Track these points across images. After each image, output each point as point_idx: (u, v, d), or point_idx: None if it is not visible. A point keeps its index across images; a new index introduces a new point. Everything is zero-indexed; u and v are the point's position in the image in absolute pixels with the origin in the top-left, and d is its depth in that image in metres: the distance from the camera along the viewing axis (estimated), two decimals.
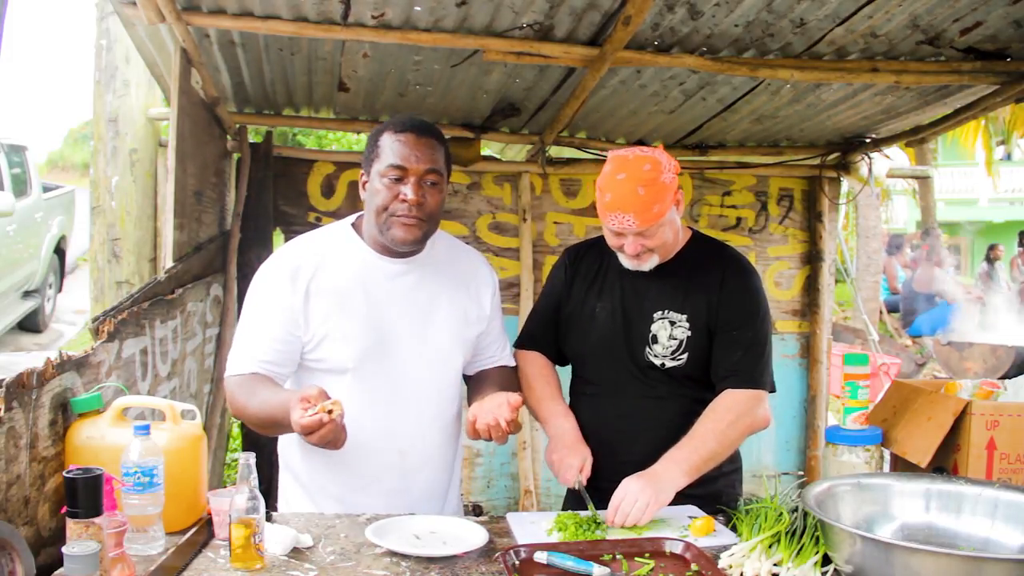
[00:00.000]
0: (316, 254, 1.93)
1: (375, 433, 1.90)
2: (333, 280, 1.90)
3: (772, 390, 2.09)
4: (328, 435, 1.61)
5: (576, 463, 1.96)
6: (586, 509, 1.89)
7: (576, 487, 1.95)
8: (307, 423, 1.58)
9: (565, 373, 2.25)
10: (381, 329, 1.91)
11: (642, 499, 1.82)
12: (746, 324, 2.05)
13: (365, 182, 1.94)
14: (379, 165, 1.88)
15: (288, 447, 2.02)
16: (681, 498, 1.91)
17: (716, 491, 2.06)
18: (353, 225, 2.01)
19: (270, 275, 1.93)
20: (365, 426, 1.87)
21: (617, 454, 2.04)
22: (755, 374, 2.03)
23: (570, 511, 1.91)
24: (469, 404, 1.95)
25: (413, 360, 1.94)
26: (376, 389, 1.90)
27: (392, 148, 1.87)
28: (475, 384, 2.09)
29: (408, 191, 1.84)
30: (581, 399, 2.19)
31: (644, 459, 1.94)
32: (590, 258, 2.20)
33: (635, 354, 2.07)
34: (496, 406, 1.79)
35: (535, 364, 2.19)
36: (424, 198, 1.87)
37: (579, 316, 2.16)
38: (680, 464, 1.90)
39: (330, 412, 1.59)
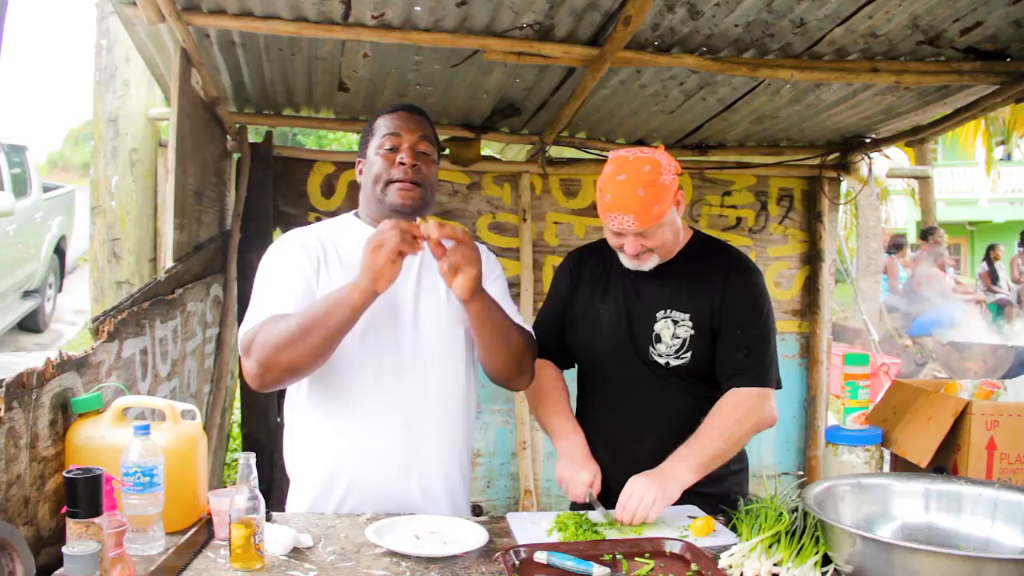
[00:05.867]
0: (321, 236, 2.00)
1: (382, 404, 1.91)
2: (340, 256, 1.96)
3: (778, 387, 2.09)
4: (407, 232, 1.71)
5: (586, 479, 1.95)
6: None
7: (588, 501, 1.93)
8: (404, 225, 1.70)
9: (571, 375, 2.25)
10: (387, 298, 1.89)
11: (648, 496, 1.82)
12: (750, 323, 2.05)
13: (362, 168, 2.04)
14: (375, 142, 2.00)
15: (300, 421, 1.97)
16: (690, 496, 1.91)
17: (724, 490, 2.06)
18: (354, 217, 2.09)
19: (280, 250, 1.99)
20: (371, 396, 1.89)
21: (625, 453, 2.05)
22: (760, 372, 2.04)
23: (571, 511, 1.91)
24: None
25: (418, 330, 1.95)
26: (383, 360, 1.91)
27: (386, 124, 2.00)
28: None
29: (403, 155, 1.96)
30: (588, 400, 2.20)
31: (652, 457, 1.94)
32: (593, 261, 2.21)
33: (639, 353, 2.08)
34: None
35: (546, 376, 2.18)
36: (419, 163, 1.97)
37: (584, 318, 2.16)
38: (688, 461, 1.91)
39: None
